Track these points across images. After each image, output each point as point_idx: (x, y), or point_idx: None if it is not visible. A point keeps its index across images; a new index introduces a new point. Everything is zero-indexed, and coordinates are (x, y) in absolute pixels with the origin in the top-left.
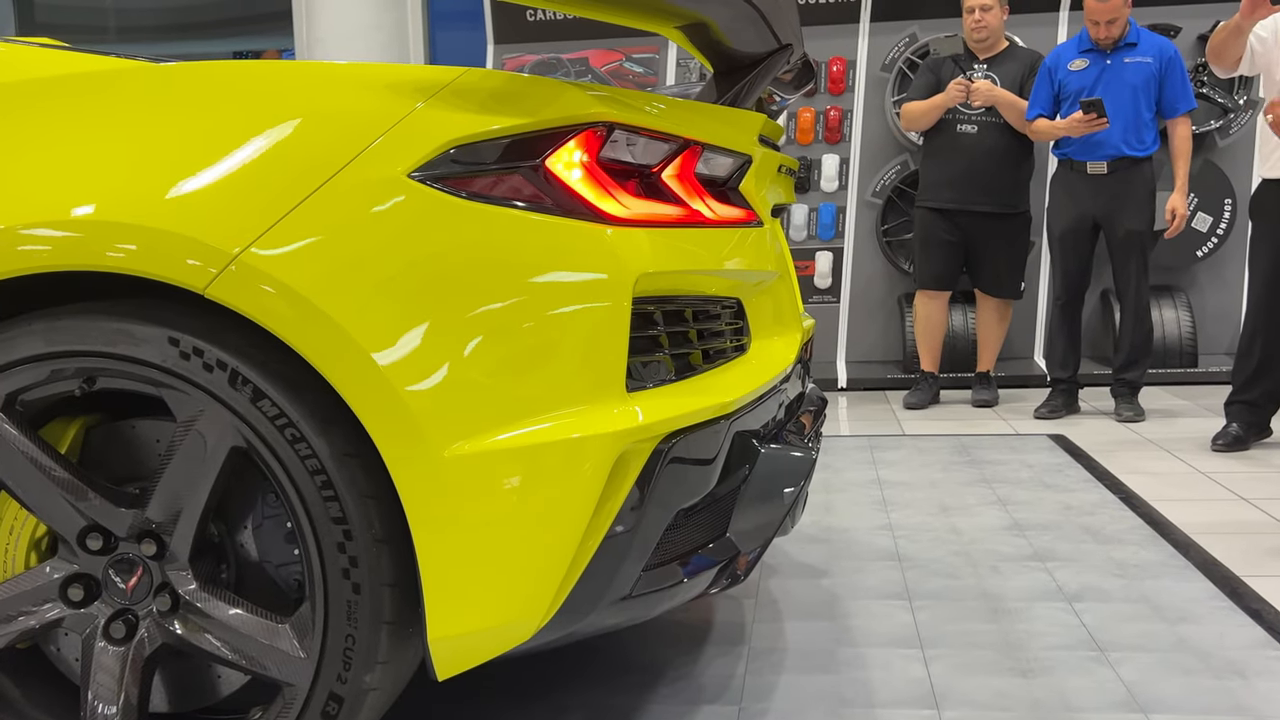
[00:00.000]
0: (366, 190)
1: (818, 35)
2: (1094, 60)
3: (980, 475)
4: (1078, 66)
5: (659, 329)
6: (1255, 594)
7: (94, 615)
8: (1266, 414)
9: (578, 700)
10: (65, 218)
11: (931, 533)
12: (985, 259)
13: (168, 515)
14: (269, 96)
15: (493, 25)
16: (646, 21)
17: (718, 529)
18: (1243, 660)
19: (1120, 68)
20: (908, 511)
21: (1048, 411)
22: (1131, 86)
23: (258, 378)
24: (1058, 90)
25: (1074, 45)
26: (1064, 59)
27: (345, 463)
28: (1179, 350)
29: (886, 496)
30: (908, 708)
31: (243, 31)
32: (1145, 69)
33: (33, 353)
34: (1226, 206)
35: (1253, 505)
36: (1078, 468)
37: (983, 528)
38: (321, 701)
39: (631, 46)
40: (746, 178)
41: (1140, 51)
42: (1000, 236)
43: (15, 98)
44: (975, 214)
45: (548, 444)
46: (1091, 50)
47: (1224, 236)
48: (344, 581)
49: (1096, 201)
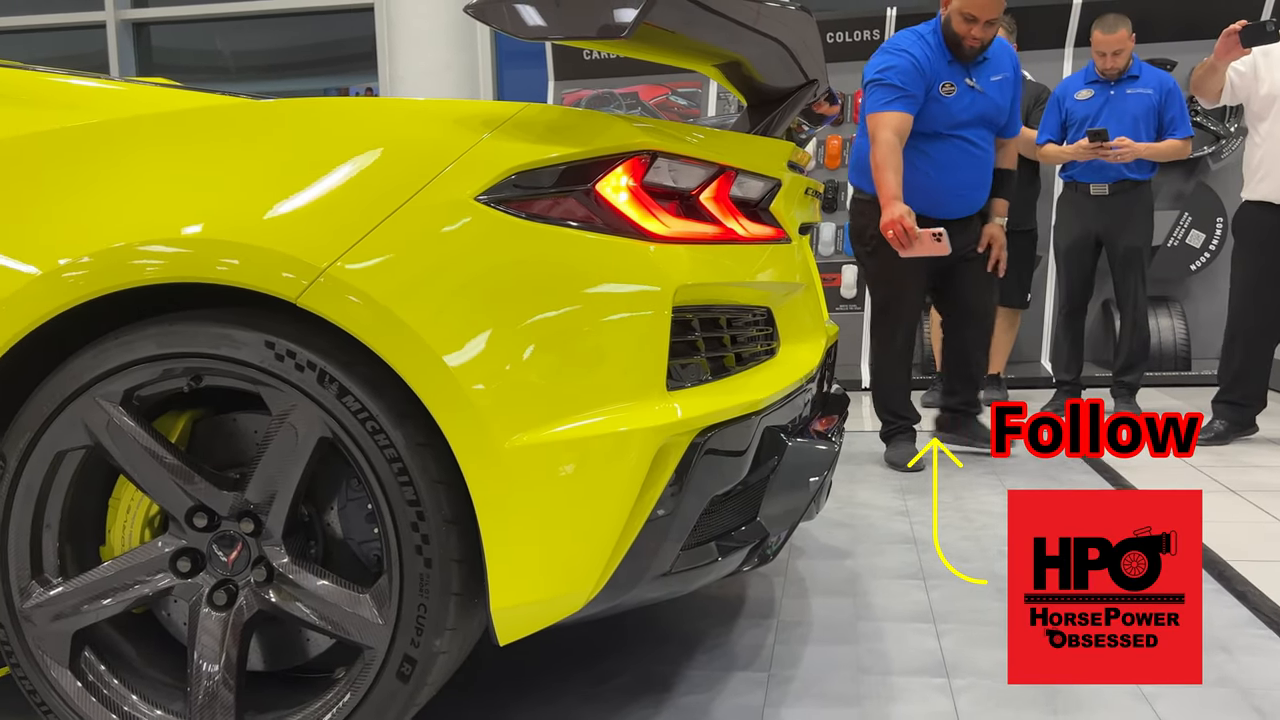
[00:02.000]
0: (438, 212)
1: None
2: (1099, 90)
3: (989, 467)
4: (1084, 96)
5: (696, 335)
6: (1241, 577)
7: (199, 584)
8: (1250, 412)
9: (621, 667)
10: (177, 235)
11: (944, 518)
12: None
13: (264, 497)
14: (353, 129)
15: (553, 63)
16: (687, 60)
17: (749, 513)
18: (1228, 638)
19: (1123, 98)
20: (924, 499)
21: (1054, 410)
22: (1133, 115)
23: (342, 377)
24: (1065, 118)
25: (1081, 77)
26: (1071, 89)
27: (419, 452)
28: (1174, 355)
29: (904, 485)
30: (921, 676)
31: (334, 71)
32: (1146, 99)
33: (147, 354)
34: (1218, 225)
35: (1238, 495)
36: (1079, 461)
37: (991, 514)
38: (397, 663)
39: (677, 82)
40: (776, 199)
41: (1142, 83)
42: (1009, 251)
43: (134, 130)
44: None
45: (597, 436)
46: (1097, 81)
47: (1215, 252)
48: (417, 557)
49: (1099, 220)
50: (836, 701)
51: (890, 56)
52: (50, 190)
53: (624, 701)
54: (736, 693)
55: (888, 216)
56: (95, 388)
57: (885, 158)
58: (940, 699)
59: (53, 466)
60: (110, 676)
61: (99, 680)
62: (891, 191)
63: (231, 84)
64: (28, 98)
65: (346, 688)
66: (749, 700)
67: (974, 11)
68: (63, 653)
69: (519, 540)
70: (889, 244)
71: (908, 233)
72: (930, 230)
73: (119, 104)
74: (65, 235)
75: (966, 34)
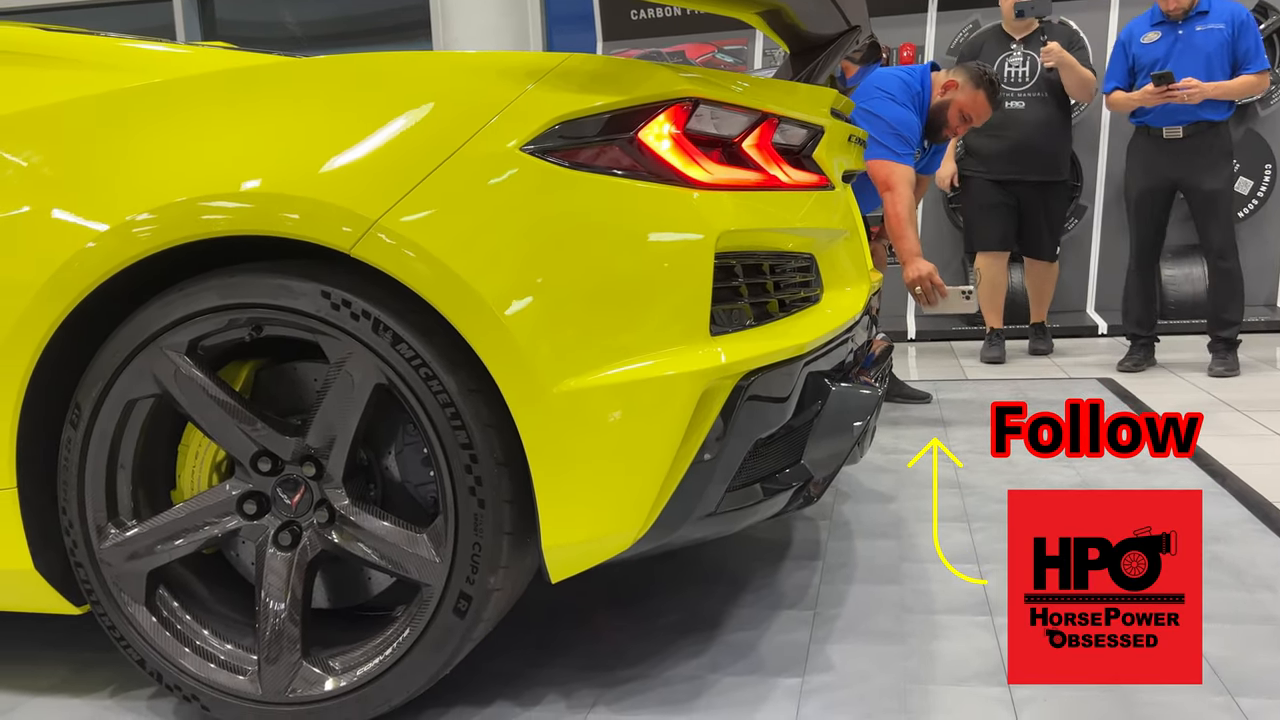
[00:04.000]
0: (485, 162)
1: (890, 24)
2: (1166, 32)
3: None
4: (1151, 39)
5: (739, 280)
6: None
7: (265, 526)
8: None
9: (673, 604)
10: (237, 190)
11: (989, 464)
12: (1031, 224)
13: (324, 442)
14: (401, 82)
15: (601, 24)
16: (730, 9)
17: (793, 456)
18: (1273, 577)
19: (1192, 36)
20: (968, 445)
21: (1131, 365)
22: (1206, 54)
23: (396, 325)
24: (1132, 63)
25: (1146, 19)
26: (1137, 33)
27: (471, 397)
28: None
29: (950, 433)
30: (964, 614)
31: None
32: (1218, 35)
33: (210, 305)
34: (1267, 171)
35: None
36: (1123, 407)
37: (1035, 460)
38: (454, 599)
39: (723, 39)
40: (819, 146)
41: (1212, 19)
42: (1047, 203)
43: (195, 89)
44: (1027, 183)
45: (642, 381)
46: (1164, 22)
47: (1264, 199)
48: (471, 498)
49: (1175, 166)
50: (881, 639)
51: (906, 112)
52: (117, 148)
53: (674, 638)
54: (783, 630)
55: (915, 273)
56: (162, 338)
57: (907, 213)
58: (984, 636)
59: (124, 414)
60: (183, 613)
61: (173, 616)
62: (914, 249)
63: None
64: (92, 60)
65: (406, 623)
66: (795, 637)
67: (974, 115)
68: (139, 591)
69: (568, 481)
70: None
71: (937, 289)
72: (959, 288)
73: (180, 65)
74: (132, 192)
75: (955, 129)
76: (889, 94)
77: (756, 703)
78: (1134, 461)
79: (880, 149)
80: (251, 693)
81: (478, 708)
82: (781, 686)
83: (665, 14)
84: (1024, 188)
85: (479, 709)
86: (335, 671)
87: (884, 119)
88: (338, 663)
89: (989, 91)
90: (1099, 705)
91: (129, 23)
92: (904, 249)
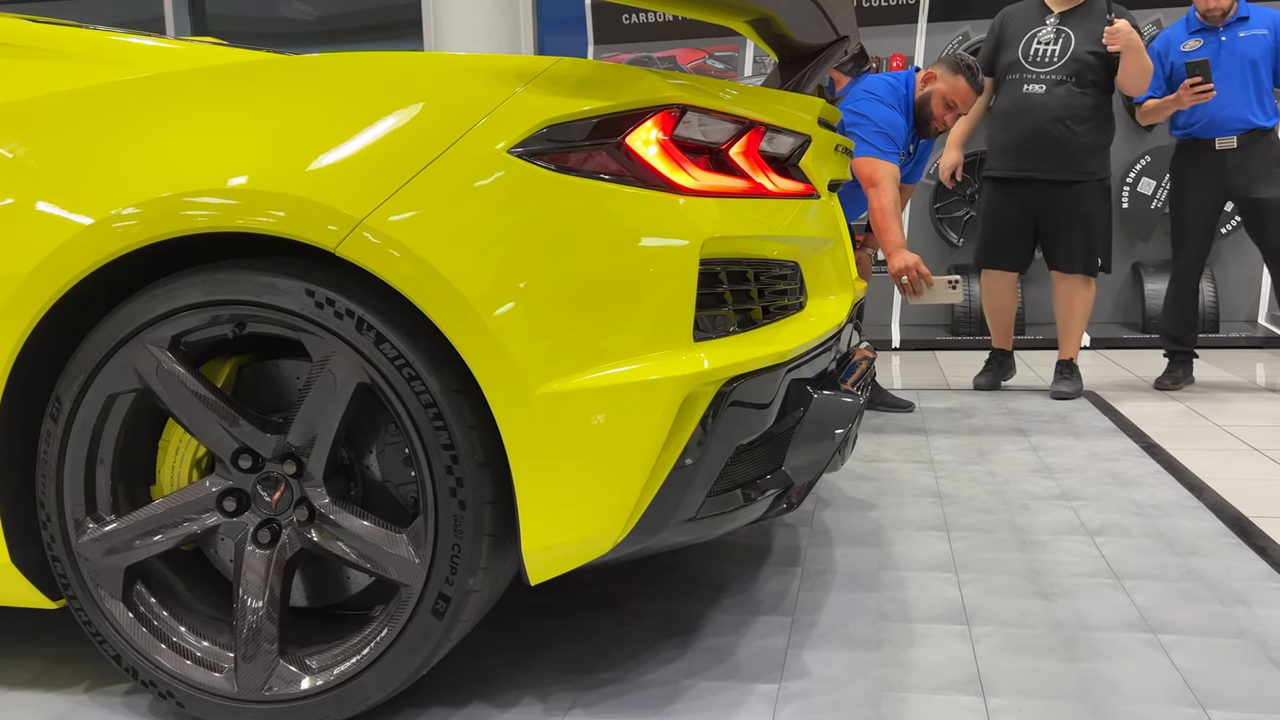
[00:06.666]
0: (471, 164)
1: (880, 34)
2: (1207, 39)
3: (1015, 425)
4: (1191, 46)
5: (724, 287)
6: (1261, 532)
7: (244, 523)
8: None
9: (651, 609)
10: (223, 186)
11: (969, 474)
12: (1055, 232)
13: (305, 440)
14: (390, 82)
15: (593, 28)
16: (719, 16)
17: (774, 463)
18: (1247, 591)
19: (1235, 42)
20: (949, 455)
21: (1170, 383)
22: (1250, 59)
23: (380, 324)
24: (1170, 72)
25: (1183, 26)
26: (1175, 41)
27: (453, 398)
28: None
29: (931, 441)
30: (941, 623)
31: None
32: (1262, 41)
33: (193, 301)
34: None
35: (1262, 454)
36: (1104, 419)
37: (1015, 470)
38: (432, 600)
39: (714, 45)
40: (806, 155)
41: (1253, 24)
42: (1071, 206)
43: (182, 84)
44: (1042, 183)
45: (624, 385)
46: (1202, 30)
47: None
48: (451, 499)
49: (1229, 176)
50: (858, 645)
51: (892, 112)
52: (102, 142)
53: (652, 641)
54: (761, 635)
55: (901, 263)
56: (144, 333)
57: (891, 207)
58: (960, 645)
59: (105, 409)
60: (160, 609)
61: (150, 612)
62: (899, 240)
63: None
64: (80, 53)
65: (384, 623)
66: (773, 643)
67: (956, 100)
68: (116, 586)
69: (549, 484)
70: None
71: (923, 278)
72: (945, 277)
73: (168, 60)
74: (116, 186)
75: (940, 117)
76: (875, 95)
77: (733, 708)
78: (1112, 473)
79: (866, 147)
80: (227, 690)
81: (454, 709)
82: (758, 692)
83: (657, 19)
84: (1037, 188)
85: (456, 710)
86: (312, 670)
87: (870, 119)
88: (315, 661)
89: (968, 75)
90: (1071, 715)
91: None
92: (888, 241)
